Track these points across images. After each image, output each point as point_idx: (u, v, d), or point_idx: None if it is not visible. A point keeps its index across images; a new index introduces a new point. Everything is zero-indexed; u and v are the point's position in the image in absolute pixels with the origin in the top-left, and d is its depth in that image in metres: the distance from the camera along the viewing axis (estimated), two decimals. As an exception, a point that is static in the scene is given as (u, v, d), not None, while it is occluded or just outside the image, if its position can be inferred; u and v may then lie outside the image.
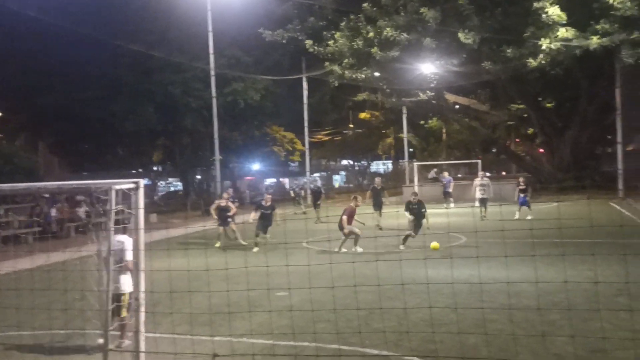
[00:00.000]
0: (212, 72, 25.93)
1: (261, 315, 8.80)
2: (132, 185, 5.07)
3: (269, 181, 65.48)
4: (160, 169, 52.19)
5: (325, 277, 11.39)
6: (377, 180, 21.40)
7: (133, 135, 35.92)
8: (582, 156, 34.93)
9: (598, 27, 23.84)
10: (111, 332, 6.46)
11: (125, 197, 5.13)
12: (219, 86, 26.25)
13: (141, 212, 5.08)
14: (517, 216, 20.07)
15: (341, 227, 14.22)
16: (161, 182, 55.70)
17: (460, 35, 25.52)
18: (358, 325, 7.94)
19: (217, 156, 26.82)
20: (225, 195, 17.88)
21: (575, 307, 8.39)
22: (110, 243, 5.77)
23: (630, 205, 24.12)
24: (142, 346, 5.10)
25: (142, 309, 5.12)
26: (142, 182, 5.13)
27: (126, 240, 7.11)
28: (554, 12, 23.61)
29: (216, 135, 26.19)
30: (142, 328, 5.09)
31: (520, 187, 20.76)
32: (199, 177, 47.05)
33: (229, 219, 16.73)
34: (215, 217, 16.73)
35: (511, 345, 6.82)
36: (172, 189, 55.52)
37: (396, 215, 13.68)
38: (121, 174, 13.65)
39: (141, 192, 5.11)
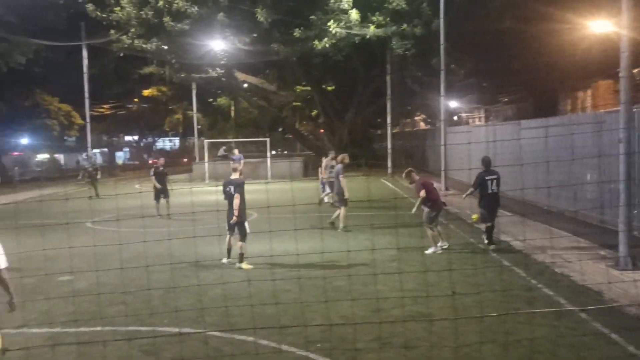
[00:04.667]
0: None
1: (43, 303, 8.06)
2: None
3: (41, 157, 59.22)
4: None
5: (116, 259, 10.84)
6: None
7: None
8: (358, 136, 38.30)
9: (374, 18, 26.20)
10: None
11: None
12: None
13: None
14: (326, 199, 18.77)
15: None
16: None
17: (258, 12, 25.88)
18: (155, 306, 7.76)
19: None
20: None
21: (357, 273, 9.32)
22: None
23: (397, 182, 27.23)
24: None
25: None
26: None
27: None
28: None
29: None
30: None
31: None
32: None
33: None
34: None
35: (305, 312, 7.31)
36: None
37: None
38: None
39: None
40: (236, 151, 29.13)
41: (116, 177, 38.73)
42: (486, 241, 11.15)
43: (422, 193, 10.73)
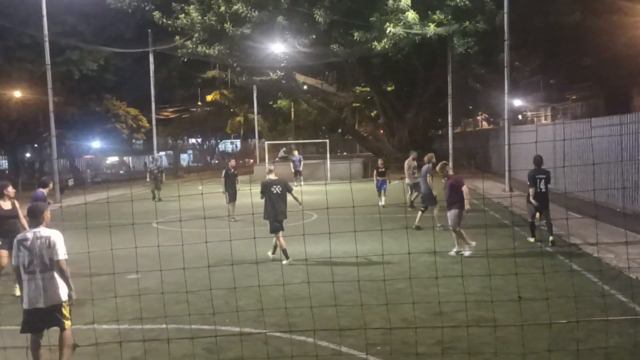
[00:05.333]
0: (46, 35, 23.37)
1: (112, 301, 8.35)
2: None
3: (111, 160, 61.81)
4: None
5: (180, 259, 11.11)
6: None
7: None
8: (418, 137, 37.77)
9: (435, 16, 25.73)
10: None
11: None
12: (51, 55, 23.88)
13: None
14: (382, 202, 17.76)
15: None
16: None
17: (316, 12, 26.00)
18: (218, 305, 7.89)
19: (53, 132, 24.55)
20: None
21: (418, 275, 9.16)
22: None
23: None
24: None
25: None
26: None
27: (54, 235, 5.77)
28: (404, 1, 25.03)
29: (51, 108, 23.93)
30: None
31: (379, 170, 18.31)
32: (28, 155, 43.00)
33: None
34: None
35: (365, 314, 7.24)
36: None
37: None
38: None
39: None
40: (296, 152, 29.43)
41: (180, 178, 39.87)
42: (532, 238, 11.71)
43: (465, 188, 10.55)
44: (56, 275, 5.70)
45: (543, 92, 46.81)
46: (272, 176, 10.78)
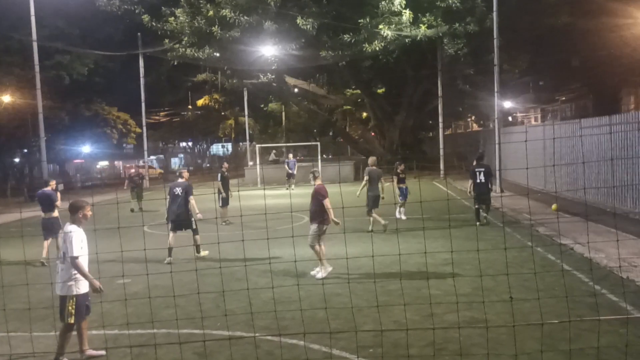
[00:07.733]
0: (34, 38, 23.12)
1: (102, 306, 8.26)
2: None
3: (101, 164, 61.57)
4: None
5: (169, 262, 11.04)
6: None
7: None
8: (408, 139, 37.83)
9: (425, 19, 25.80)
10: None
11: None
12: (40, 59, 23.68)
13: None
14: (403, 217, 15.44)
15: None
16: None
17: (299, 21, 25.99)
18: (208, 309, 7.83)
19: (42, 136, 24.34)
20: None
21: (409, 277, 9.14)
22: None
23: (449, 184, 26.72)
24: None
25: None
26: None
27: (71, 232, 6.25)
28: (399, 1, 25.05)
29: (40, 110, 23.71)
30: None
31: (400, 176, 15.47)
32: (17, 160, 42.67)
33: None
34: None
35: (356, 316, 7.20)
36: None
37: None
38: None
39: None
40: (290, 156, 29.36)
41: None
42: (478, 222, 13.71)
43: (327, 203, 10.00)
44: (66, 270, 6.17)
45: (532, 94, 47.08)
46: (180, 179, 11.54)
